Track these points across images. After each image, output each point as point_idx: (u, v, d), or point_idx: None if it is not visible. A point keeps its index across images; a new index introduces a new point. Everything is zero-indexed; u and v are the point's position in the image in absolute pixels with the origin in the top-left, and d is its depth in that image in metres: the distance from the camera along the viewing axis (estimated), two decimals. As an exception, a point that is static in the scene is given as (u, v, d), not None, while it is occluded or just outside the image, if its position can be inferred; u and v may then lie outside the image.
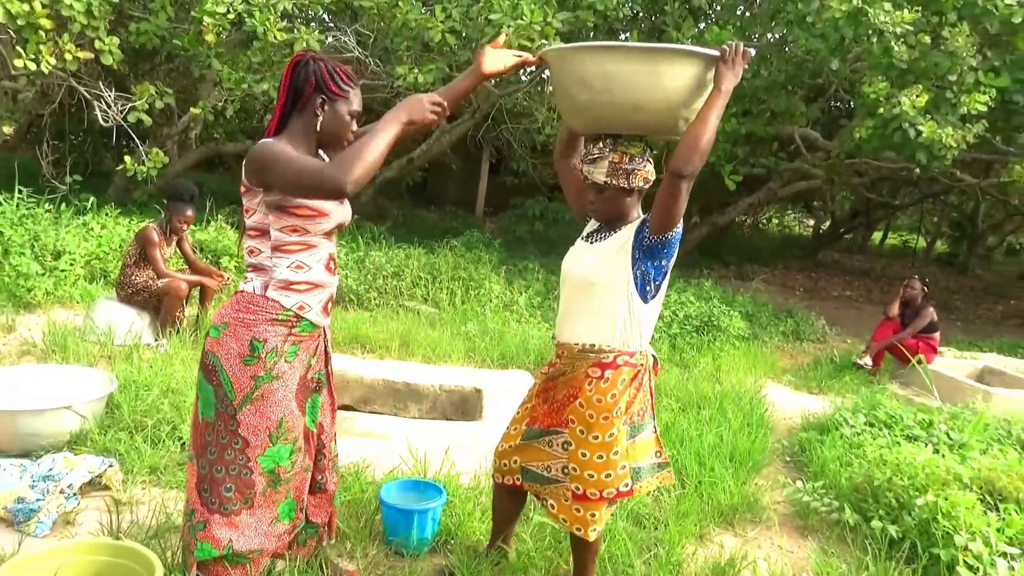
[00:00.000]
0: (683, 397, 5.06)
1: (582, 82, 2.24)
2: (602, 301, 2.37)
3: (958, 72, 6.70)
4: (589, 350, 2.40)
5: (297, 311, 2.19)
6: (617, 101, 2.23)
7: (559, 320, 2.52)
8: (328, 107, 2.17)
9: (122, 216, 7.60)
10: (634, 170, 2.34)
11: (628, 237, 2.36)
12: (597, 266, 2.38)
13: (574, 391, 2.43)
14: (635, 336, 2.40)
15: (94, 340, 4.88)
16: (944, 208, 17.79)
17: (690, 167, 2.17)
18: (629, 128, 2.33)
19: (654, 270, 2.37)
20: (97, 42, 6.61)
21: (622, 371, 2.39)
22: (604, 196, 2.38)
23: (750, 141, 9.74)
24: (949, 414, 4.66)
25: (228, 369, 2.14)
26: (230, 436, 2.17)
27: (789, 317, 8.61)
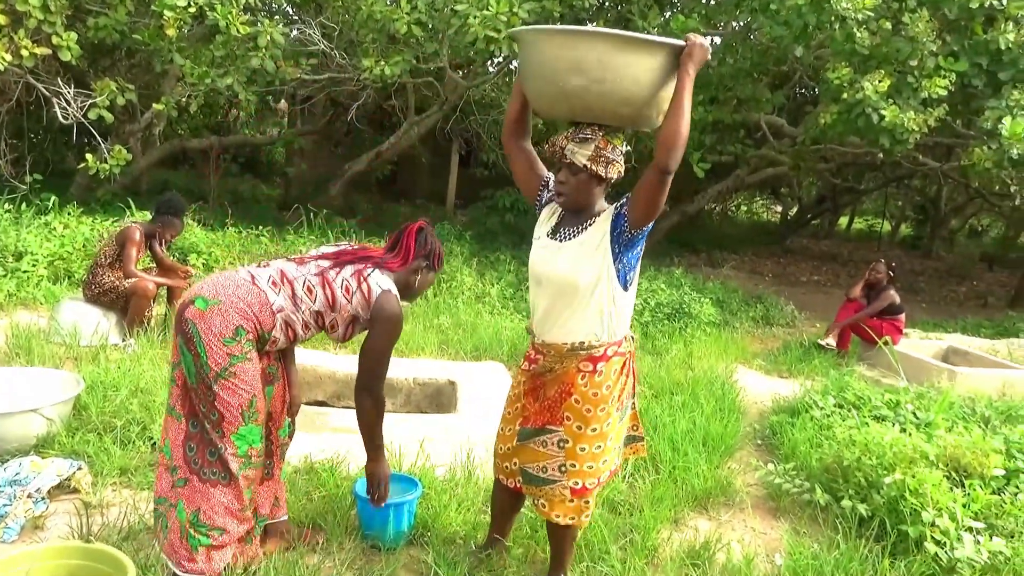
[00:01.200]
0: (656, 384, 5.10)
1: (577, 68, 2.16)
2: (588, 300, 2.33)
3: (919, 57, 6.80)
4: (579, 348, 2.38)
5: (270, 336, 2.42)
6: (609, 91, 2.17)
7: (540, 321, 2.46)
8: (426, 273, 2.68)
9: (85, 215, 7.46)
10: (613, 161, 2.33)
11: (604, 232, 2.32)
12: (578, 266, 2.33)
13: (567, 387, 2.42)
14: (621, 325, 2.41)
15: (59, 342, 4.80)
16: (908, 192, 18.07)
17: (677, 160, 2.17)
18: (607, 119, 2.29)
19: (633, 259, 2.37)
20: (55, 37, 6.46)
21: (613, 362, 2.40)
22: (577, 179, 2.33)
23: (717, 129, 9.81)
24: (915, 394, 4.76)
25: (206, 342, 2.27)
26: (209, 407, 2.31)
27: (759, 303, 8.71)
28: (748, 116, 9.62)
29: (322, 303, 2.44)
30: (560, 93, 2.23)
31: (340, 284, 2.44)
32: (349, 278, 2.46)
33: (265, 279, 2.40)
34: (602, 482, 2.48)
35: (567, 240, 2.38)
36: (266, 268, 2.45)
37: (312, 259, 2.53)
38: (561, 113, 2.34)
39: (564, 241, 2.39)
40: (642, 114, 2.25)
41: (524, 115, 2.55)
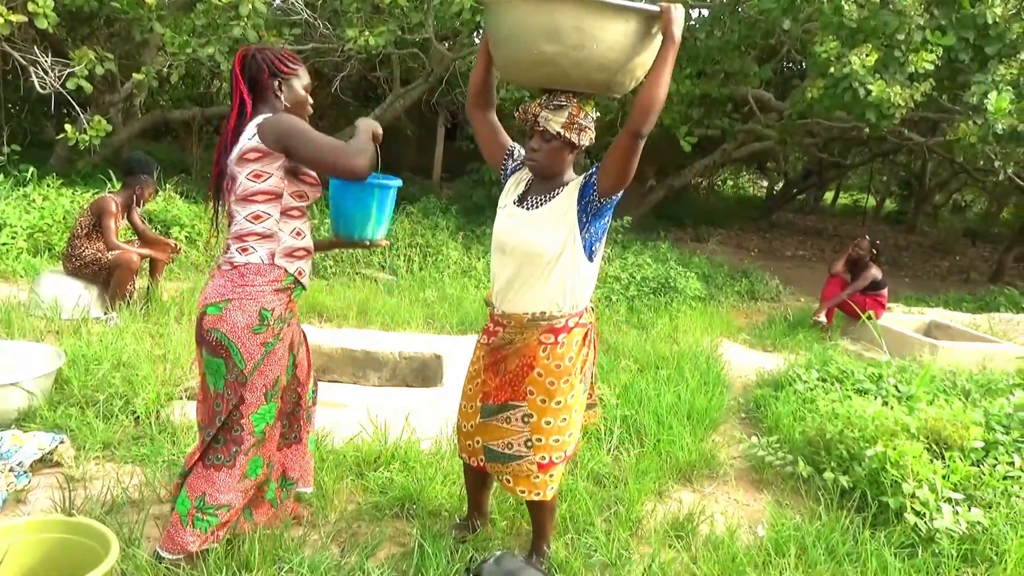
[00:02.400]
0: (641, 358, 5.12)
1: (554, 34, 2.13)
2: (552, 269, 2.31)
3: (906, 31, 6.78)
4: (540, 318, 2.35)
5: (296, 276, 2.35)
6: (586, 57, 2.14)
7: (502, 291, 2.42)
8: (285, 88, 2.38)
9: (65, 187, 7.35)
10: (586, 128, 2.30)
11: (572, 200, 2.30)
12: (543, 234, 2.30)
13: (528, 360, 2.38)
14: (583, 296, 2.39)
15: (40, 315, 4.75)
16: (893, 167, 18.14)
17: (650, 125, 2.14)
18: (585, 85, 2.25)
19: (600, 229, 2.35)
20: (30, 4, 6.30)
21: (575, 333, 2.37)
22: (550, 146, 2.30)
23: (704, 103, 9.76)
24: (898, 368, 4.81)
25: (237, 341, 2.25)
26: (233, 395, 2.30)
27: (744, 277, 8.75)
28: (735, 90, 9.58)
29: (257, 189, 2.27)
30: (535, 60, 2.19)
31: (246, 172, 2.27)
32: (236, 163, 2.28)
33: (234, 247, 2.32)
34: (568, 456, 2.45)
35: (535, 208, 2.36)
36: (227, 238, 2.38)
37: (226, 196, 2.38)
38: (535, 80, 2.30)
39: (532, 209, 2.36)
40: (616, 80, 2.23)
41: (489, 83, 2.51)
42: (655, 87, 2.13)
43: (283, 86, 2.37)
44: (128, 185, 5.18)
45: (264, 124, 2.24)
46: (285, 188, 2.30)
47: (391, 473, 3.11)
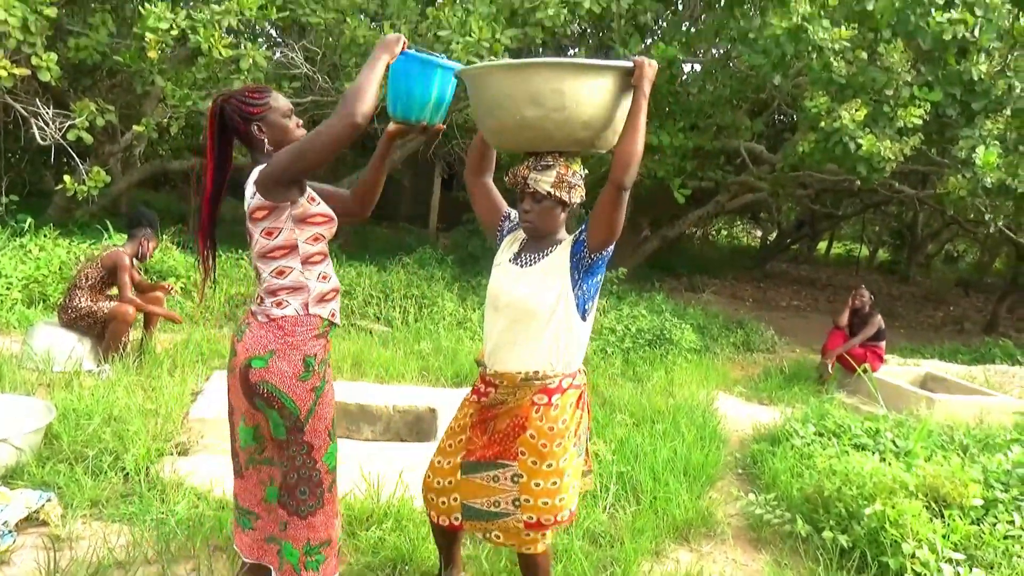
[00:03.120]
0: (637, 412, 5.09)
1: (534, 99, 2.17)
2: (545, 327, 2.31)
3: (894, 87, 6.92)
4: (533, 378, 2.33)
5: (331, 319, 2.37)
6: (569, 118, 2.19)
7: (493, 349, 2.40)
8: (264, 125, 2.31)
9: (62, 237, 7.36)
10: (575, 185, 2.34)
11: (564, 258, 2.32)
12: (537, 292, 2.32)
13: (520, 421, 2.35)
14: (576, 356, 2.38)
15: (32, 367, 4.71)
16: (885, 218, 18.32)
17: (631, 177, 2.18)
18: (570, 145, 2.29)
19: (593, 287, 2.36)
20: (34, 58, 6.42)
21: (568, 394, 2.36)
22: (542, 207, 2.33)
23: (697, 155, 9.90)
24: (895, 422, 4.79)
25: (288, 391, 2.26)
26: (298, 447, 2.31)
27: (739, 328, 8.75)
28: (728, 143, 9.72)
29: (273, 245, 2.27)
30: (520, 125, 2.23)
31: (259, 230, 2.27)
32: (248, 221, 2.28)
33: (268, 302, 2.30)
34: (560, 522, 2.38)
35: (528, 266, 2.38)
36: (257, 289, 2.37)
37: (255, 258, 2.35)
38: (522, 144, 2.34)
39: (525, 267, 2.38)
40: (601, 136, 2.27)
41: (488, 152, 2.56)
42: (632, 140, 2.17)
43: (261, 125, 2.31)
44: (133, 238, 5.21)
45: (259, 179, 2.24)
46: (299, 237, 2.28)
47: (383, 532, 3.06)
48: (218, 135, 2.33)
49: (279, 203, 2.24)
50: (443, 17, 6.87)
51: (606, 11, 7.50)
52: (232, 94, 2.34)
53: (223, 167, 2.36)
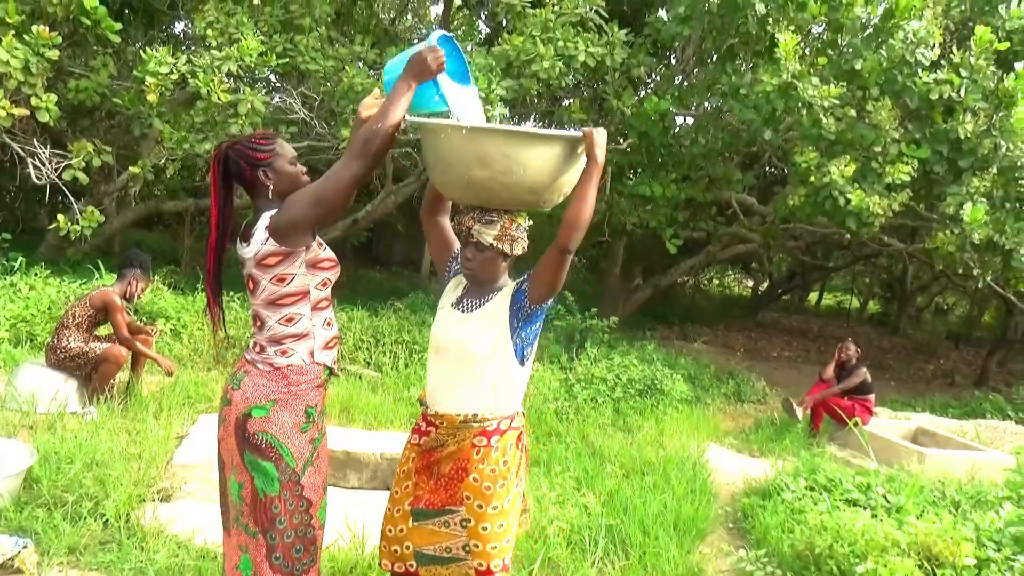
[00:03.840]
0: (627, 463, 5.05)
1: (482, 161, 2.20)
2: (483, 371, 2.35)
3: (882, 144, 7.04)
4: (472, 420, 2.36)
5: (332, 366, 2.37)
6: (516, 182, 2.23)
7: (434, 390, 2.45)
8: (270, 171, 2.30)
9: (53, 276, 7.34)
10: (518, 238, 2.38)
11: (504, 306, 2.37)
12: (475, 336, 2.36)
13: (463, 464, 2.37)
14: (512, 399, 2.41)
15: (15, 409, 4.65)
16: (875, 270, 18.47)
17: (576, 242, 2.24)
18: (515, 204, 2.35)
19: (531, 334, 2.40)
20: (34, 99, 6.47)
21: (507, 436, 2.39)
22: (484, 256, 2.37)
23: (689, 206, 10.00)
24: (886, 477, 4.75)
25: (287, 442, 2.23)
26: (296, 501, 2.27)
27: (731, 379, 8.73)
28: (719, 194, 9.83)
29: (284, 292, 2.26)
30: (467, 183, 2.28)
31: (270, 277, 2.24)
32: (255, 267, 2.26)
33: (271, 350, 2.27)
34: (507, 566, 2.39)
35: (469, 311, 2.42)
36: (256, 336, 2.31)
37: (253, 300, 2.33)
38: (467, 199, 2.39)
39: (466, 312, 2.42)
40: (544, 198, 2.33)
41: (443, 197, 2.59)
42: (580, 206, 2.23)
43: (268, 172, 2.30)
44: (122, 278, 5.20)
45: (272, 225, 2.20)
46: (310, 283, 2.28)
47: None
48: (222, 181, 2.32)
49: (295, 248, 2.22)
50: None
51: (600, 64, 7.64)
52: (238, 140, 2.33)
53: (227, 213, 2.35)
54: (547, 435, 5.61)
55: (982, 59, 6.93)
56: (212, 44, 7.17)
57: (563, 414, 6.16)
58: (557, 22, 7.46)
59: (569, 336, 8.29)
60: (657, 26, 8.66)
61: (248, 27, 7.32)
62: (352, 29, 9.49)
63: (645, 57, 8.42)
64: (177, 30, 11.56)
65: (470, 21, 12.60)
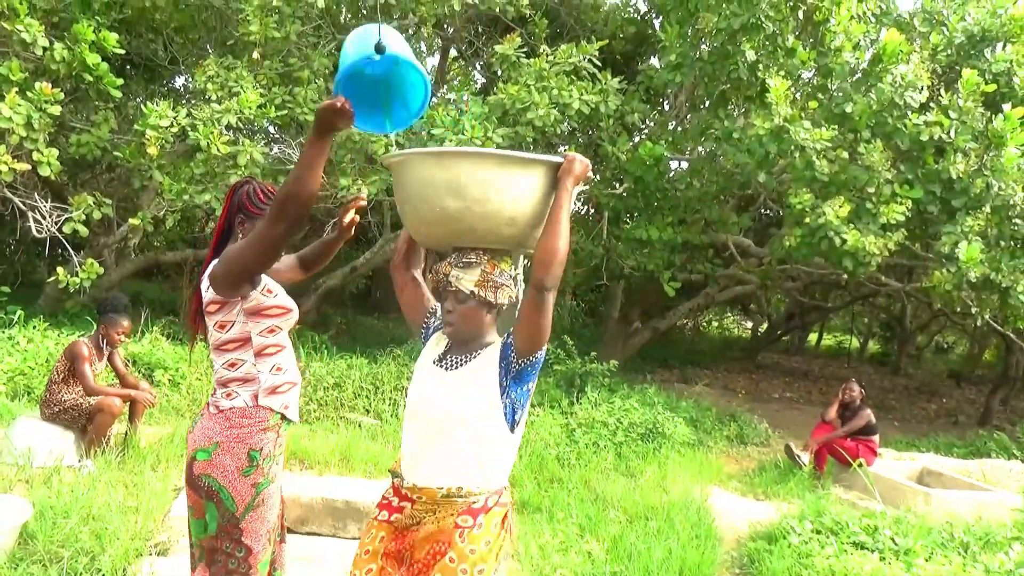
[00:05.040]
0: (630, 508, 4.99)
1: (455, 189, 2.04)
2: (468, 438, 2.08)
3: (875, 184, 7.12)
4: (456, 494, 2.09)
5: (283, 412, 2.33)
6: (492, 212, 2.05)
7: (412, 460, 2.15)
8: (247, 225, 2.34)
9: (51, 329, 7.33)
10: (502, 285, 2.14)
11: (492, 363, 2.12)
12: (462, 398, 2.10)
13: (442, 548, 2.08)
14: (503, 472, 2.16)
15: (11, 463, 4.60)
16: (873, 310, 18.48)
17: (554, 279, 2.01)
18: (495, 241, 2.13)
19: (523, 395, 2.14)
20: (35, 154, 6.55)
21: (494, 513, 2.12)
22: (465, 308, 2.12)
23: (686, 249, 10.05)
24: (893, 518, 4.70)
25: (228, 486, 2.22)
26: (234, 545, 2.23)
27: (733, 421, 8.67)
28: (716, 236, 9.89)
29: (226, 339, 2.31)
30: (440, 217, 2.10)
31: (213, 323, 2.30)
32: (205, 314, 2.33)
33: (219, 392, 2.33)
34: None
35: (454, 369, 2.15)
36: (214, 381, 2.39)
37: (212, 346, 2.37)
38: (442, 239, 2.21)
39: (451, 370, 2.15)
40: (528, 235, 2.13)
41: (415, 244, 2.42)
42: (552, 238, 2.01)
43: (246, 224, 2.32)
44: (99, 324, 5.18)
45: (211, 274, 2.26)
46: (252, 330, 2.29)
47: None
48: (229, 212, 2.38)
49: (230, 298, 2.25)
50: (437, 116, 7.09)
51: (594, 112, 7.76)
52: (255, 182, 2.38)
53: (225, 239, 2.39)
54: (549, 481, 5.55)
55: (970, 101, 7.05)
56: (212, 97, 7.29)
57: (564, 459, 6.10)
58: (551, 71, 7.61)
59: (569, 380, 8.26)
60: (650, 73, 8.83)
61: (247, 80, 7.45)
62: (350, 81, 9.62)
63: (638, 104, 8.56)
64: (177, 84, 11.75)
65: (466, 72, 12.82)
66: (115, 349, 5.22)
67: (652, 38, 10.17)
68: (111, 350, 5.22)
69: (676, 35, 8.10)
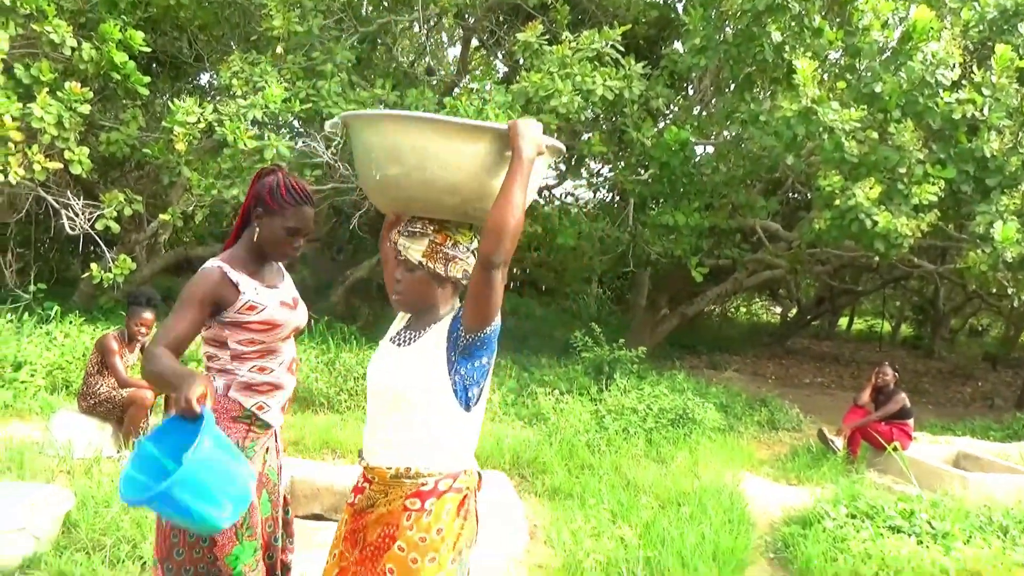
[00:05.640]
0: (662, 494, 4.98)
1: (392, 155, 1.96)
2: (416, 415, 2.00)
3: (907, 165, 6.99)
4: (404, 475, 2.01)
5: (256, 411, 2.26)
6: (430, 180, 1.95)
7: (366, 440, 2.10)
8: (265, 219, 2.27)
9: (86, 324, 7.47)
10: (455, 257, 2.03)
11: (441, 336, 2.02)
12: (408, 374, 2.02)
13: (391, 531, 2.00)
14: (458, 453, 2.05)
15: (53, 454, 4.70)
16: (906, 292, 18.20)
17: (502, 253, 1.86)
18: (445, 212, 2.03)
19: (475, 371, 2.02)
20: (67, 152, 6.66)
21: (446, 499, 2.00)
22: (414, 277, 2.03)
23: (713, 234, 9.97)
24: (929, 502, 4.64)
25: None
26: (197, 535, 2.14)
27: (763, 406, 8.61)
28: (743, 221, 9.80)
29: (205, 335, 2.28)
30: (380, 184, 2.03)
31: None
32: None
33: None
34: None
35: (405, 345, 2.07)
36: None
37: None
38: (390, 204, 2.12)
39: (402, 346, 2.08)
40: (474, 206, 2.00)
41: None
42: (499, 210, 1.85)
43: (262, 218, 2.27)
44: (127, 318, 5.28)
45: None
46: (229, 337, 2.23)
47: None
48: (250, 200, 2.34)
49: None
50: (460, 106, 7.09)
51: (619, 98, 7.70)
52: (279, 175, 2.30)
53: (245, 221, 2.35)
54: (579, 467, 5.56)
55: (1004, 77, 6.88)
56: (237, 93, 7.36)
57: (595, 446, 6.10)
58: (574, 58, 7.56)
59: (597, 367, 8.24)
60: (674, 58, 8.74)
61: (272, 75, 7.51)
62: (372, 73, 9.66)
63: (663, 89, 8.49)
64: (203, 81, 11.88)
65: (488, 61, 12.79)
66: (140, 342, 5.32)
67: (675, 22, 10.05)
68: (143, 342, 5.31)
69: (700, 18, 8.00)
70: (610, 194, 12.43)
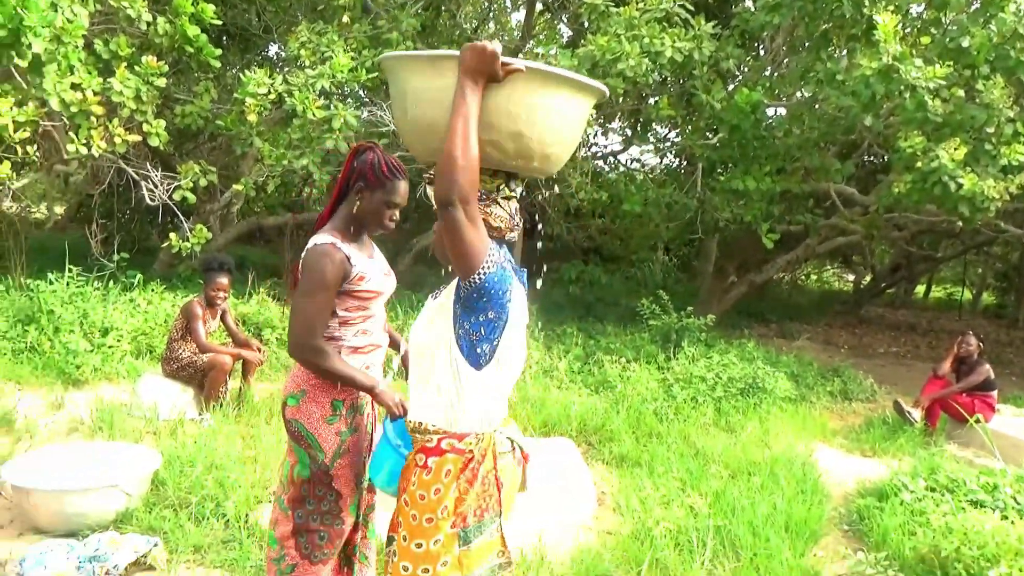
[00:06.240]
0: (732, 464, 4.93)
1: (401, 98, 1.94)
2: (430, 369, 1.96)
3: (995, 124, 6.63)
4: (417, 430, 2.01)
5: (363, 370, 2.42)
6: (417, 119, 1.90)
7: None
8: (366, 194, 2.39)
9: (167, 291, 7.77)
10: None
11: (452, 289, 1.95)
12: (424, 327, 2.00)
13: (404, 484, 2.00)
14: (464, 413, 1.95)
15: (139, 416, 4.93)
16: (988, 259, 17.42)
17: (453, 191, 1.72)
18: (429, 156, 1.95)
19: (481, 326, 1.90)
20: (145, 125, 6.86)
21: (446, 459, 1.94)
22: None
23: (785, 199, 9.68)
24: (1015, 476, 4.46)
25: (314, 431, 2.36)
26: (326, 490, 2.39)
27: (836, 376, 8.40)
28: (816, 185, 9.48)
29: None
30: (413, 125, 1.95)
31: None
32: None
33: None
34: None
35: (434, 299, 2.04)
36: None
37: None
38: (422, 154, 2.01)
39: (434, 299, 2.04)
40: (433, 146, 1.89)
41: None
42: (446, 144, 1.73)
43: (364, 192, 2.37)
44: (204, 284, 5.45)
45: (305, 256, 2.33)
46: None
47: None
48: (348, 175, 2.43)
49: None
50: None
51: (688, 59, 7.50)
52: (378, 152, 2.41)
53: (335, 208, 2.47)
54: (647, 436, 5.54)
55: (1105, 28, 6.44)
56: (305, 63, 7.44)
57: (662, 414, 6.06)
58: (642, 19, 7.38)
59: (665, 335, 8.16)
60: (745, 16, 8.43)
61: (339, 45, 7.55)
62: (437, 40, 9.64)
63: (734, 49, 8.21)
64: (271, 52, 12.05)
65: (552, 25, 12.61)
66: (218, 307, 5.49)
67: (747, -22, 9.70)
68: (223, 308, 5.49)
69: (774, -27, 7.69)
70: (677, 159, 12.18)
